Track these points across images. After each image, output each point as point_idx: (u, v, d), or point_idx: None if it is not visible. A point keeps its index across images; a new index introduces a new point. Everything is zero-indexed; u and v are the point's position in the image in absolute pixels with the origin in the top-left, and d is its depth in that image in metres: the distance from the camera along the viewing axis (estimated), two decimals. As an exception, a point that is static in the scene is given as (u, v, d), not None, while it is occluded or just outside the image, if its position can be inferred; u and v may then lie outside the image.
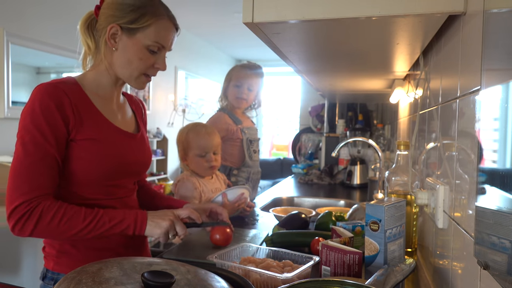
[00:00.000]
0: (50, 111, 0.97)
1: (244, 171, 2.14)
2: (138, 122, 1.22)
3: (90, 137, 1.02)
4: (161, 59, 1.09)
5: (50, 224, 0.95)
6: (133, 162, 1.13)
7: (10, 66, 3.11)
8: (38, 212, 0.94)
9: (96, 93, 1.09)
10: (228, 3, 4.68)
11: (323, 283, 0.71)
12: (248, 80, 2.13)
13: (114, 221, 1.00)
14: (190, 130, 1.65)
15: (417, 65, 1.40)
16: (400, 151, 1.28)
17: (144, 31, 1.04)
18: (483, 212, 0.57)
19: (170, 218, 1.06)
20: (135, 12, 1.03)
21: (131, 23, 1.04)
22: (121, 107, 1.17)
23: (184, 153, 1.65)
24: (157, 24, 1.05)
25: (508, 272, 0.48)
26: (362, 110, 3.67)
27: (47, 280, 1.09)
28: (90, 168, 1.03)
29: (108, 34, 1.04)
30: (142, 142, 1.19)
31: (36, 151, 0.96)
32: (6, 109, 3.07)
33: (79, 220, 0.97)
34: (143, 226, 1.03)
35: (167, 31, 1.08)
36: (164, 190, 5.03)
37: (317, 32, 1.03)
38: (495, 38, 0.59)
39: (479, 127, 0.64)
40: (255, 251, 1.14)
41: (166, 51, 1.11)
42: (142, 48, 1.05)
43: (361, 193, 2.57)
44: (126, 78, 1.09)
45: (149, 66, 1.08)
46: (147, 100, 5.14)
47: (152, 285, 0.65)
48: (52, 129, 0.97)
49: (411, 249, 1.25)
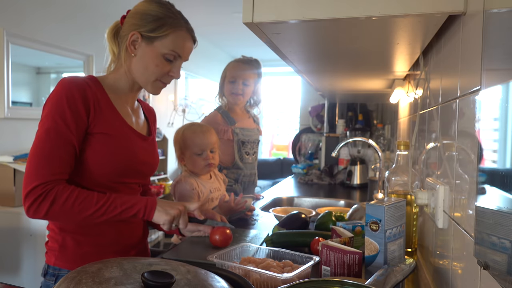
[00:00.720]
0: (75, 101, 1.03)
1: (233, 172, 2.10)
2: (150, 127, 1.29)
3: (106, 131, 1.08)
4: (176, 67, 1.16)
5: (64, 205, 1.00)
6: (142, 162, 1.17)
7: (10, 66, 3.10)
8: (53, 194, 0.99)
9: (114, 94, 1.15)
10: (228, 3, 4.68)
11: (323, 283, 0.71)
12: (243, 74, 2.07)
13: (125, 205, 1.06)
14: (185, 129, 1.65)
15: (417, 65, 1.40)
16: (400, 151, 1.28)
17: (162, 40, 1.11)
18: (483, 212, 0.57)
19: (179, 208, 1.12)
20: (156, 22, 1.10)
21: (151, 31, 1.10)
22: (135, 111, 1.24)
23: (181, 152, 1.64)
24: (175, 35, 1.12)
25: (508, 272, 0.48)
26: (362, 110, 3.67)
27: (48, 276, 1.11)
28: (102, 161, 1.08)
29: (129, 41, 1.11)
30: (153, 146, 1.25)
31: (57, 138, 1.01)
32: (6, 109, 3.07)
33: (92, 203, 1.02)
34: (152, 212, 1.08)
35: (184, 41, 1.14)
36: (164, 190, 5.03)
37: (317, 32, 1.03)
38: (495, 38, 0.59)
39: (479, 127, 0.64)
40: (255, 251, 1.14)
41: (183, 61, 1.17)
42: (159, 56, 1.12)
43: (361, 193, 2.57)
44: (143, 82, 1.15)
45: (164, 73, 1.14)
46: (147, 100, 5.14)
47: (152, 285, 0.65)
48: (75, 118, 1.02)
49: (411, 249, 1.25)
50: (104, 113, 1.08)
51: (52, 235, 1.13)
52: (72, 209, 1.00)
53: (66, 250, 1.10)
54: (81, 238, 1.10)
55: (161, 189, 4.97)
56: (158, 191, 4.90)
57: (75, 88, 1.03)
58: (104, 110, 1.09)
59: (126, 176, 1.14)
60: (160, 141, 5.33)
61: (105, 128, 1.08)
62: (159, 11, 1.11)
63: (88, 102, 1.05)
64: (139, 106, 1.28)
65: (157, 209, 1.09)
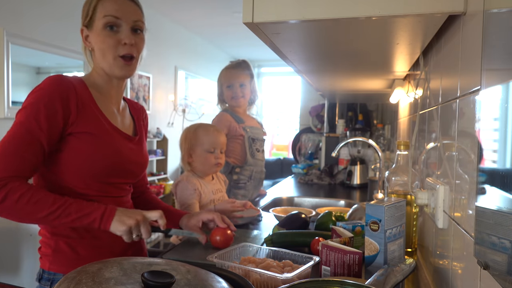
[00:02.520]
0: (53, 102, 1.00)
1: (246, 169, 2.16)
2: (137, 128, 1.26)
3: (88, 131, 1.06)
4: (124, 33, 1.11)
5: (17, 204, 0.96)
6: (128, 162, 1.15)
7: (10, 66, 3.10)
8: (5, 190, 0.95)
9: (99, 93, 1.14)
10: (228, 3, 4.68)
11: (323, 283, 0.71)
12: (237, 77, 2.18)
13: (80, 212, 1.00)
14: (199, 127, 1.66)
15: (417, 65, 1.40)
16: (400, 151, 1.28)
17: (95, 16, 1.11)
18: (483, 212, 0.57)
19: (137, 218, 1.05)
20: (85, 7, 1.13)
21: (86, 18, 1.12)
22: (120, 111, 1.21)
23: (191, 149, 1.63)
24: (101, 3, 1.10)
25: (508, 272, 0.48)
26: (362, 110, 3.66)
27: (43, 281, 1.09)
28: (85, 161, 1.05)
29: (83, 38, 1.14)
30: (139, 145, 1.23)
31: (25, 135, 0.98)
32: (6, 109, 3.07)
33: (47, 205, 0.98)
34: (109, 222, 1.02)
35: (115, 2, 1.11)
36: (164, 190, 5.03)
37: (317, 32, 1.03)
38: (495, 38, 0.59)
39: (479, 127, 0.64)
40: (255, 251, 1.14)
41: (129, 25, 1.11)
42: (101, 31, 1.10)
43: (361, 193, 2.57)
44: (108, 68, 1.13)
45: (116, 44, 1.10)
46: (147, 100, 5.14)
47: (152, 285, 0.65)
48: (49, 120, 1.00)
49: (411, 249, 1.24)
50: (88, 113, 1.07)
51: (44, 240, 1.11)
52: (24, 208, 0.96)
53: (60, 254, 1.08)
54: (75, 242, 1.08)
55: (161, 189, 4.96)
56: (158, 191, 4.89)
57: (58, 88, 1.02)
58: (88, 109, 1.07)
59: (114, 176, 1.12)
60: (160, 141, 5.33)
61: (89, 128, 1.06)
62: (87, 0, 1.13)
63: (68, 104, 1.02)
64: (126, 106, 1.26)
65: (114, 219, 1.02)
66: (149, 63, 5.11)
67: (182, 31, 5.98)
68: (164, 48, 5.49)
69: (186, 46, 6.18)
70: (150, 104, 5.23)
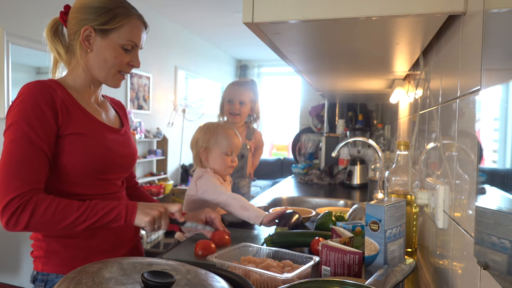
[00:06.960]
0: (40, 107, 1.00)
1: None
2: (122, 120, 1.27)
3: (77, 131, 1.06)
4: (134, 56, 1.16)
5: (44, 215, 0.97)
6: (119, 156, 1.16)
7: (10, 66, 3.10)
8: (31, 204, 0.96)
9: (77, 93, 1.13)
10: (228, 3, 4.68)
11: (323, 283, 0.71)
12: (239, 94, 2.24)
13: (106, 208, 1.03)
14: (219, 128, 1.62)
15: (417, 65, 1.40)
16: (400, 151, 1.28)
17: (118, 31, 1.10)
18: (483, 212, 0.57)
19: (160, 210, 1.10)
20: (107, 13, 1.09)
21: (104, 24, 1.09)
22: (102, 105, 1.22)
23: (207, 148, 1.60)
24: (129, 24, 1.11)
25: (508, 272, 0.48)
26: (362, 110, 3.67)
27: (37, 282, 1.09)
28: (78, 161, 1.06)
29: (82, 37, 1.09)
30: (127, 137, 1.24)
31: (27, 147, 0.98)
32: (6, 109, 3.07)
33: (73, 210, 1.00)
34: (133, 214, 1.06)
35: (139, 29, 1.14)
36: (164, 190, 5.03)
37: (317, 32, 1.03)
38: (495, 38, 0.59)
39: (479, 127, 0.64)
40: (255, 251, 1.14)
41: (139, 49, 1.17)
42: (117, 47, 1.11)
43: (361, 193, 2.57)
44: (103, 77, 1.14)
45: (124, 64, 1.14)
46: (147, 100, 5.14)
47: (152, 285, 0.65)
48: (42, 124, 1.00)
49: (411, 249, 1.25)
50: (72, 114, 1.06)
51: (36, 244, 1.11)
52: (53, 218, 0.98)
53: (52, 255, 1.08)
54: (67, 242, 1.08)
55: (161, 189, 4.96)
56: (158, 191, 4.89)
57: (39, 93, 1.00)
58: (71, 110, 1.06)
59: (106, 172, 1.12)
60: (160, 141, 5.32)
61: (76, 128, 1.06)
62: (108, 2, 1.09)
63: (55, 105, 1.02)
64: (106, 101, 1.26)
65: (138, 212, 1.07)
66: (149, 63, 5.11)
67: (182, 31, 5.98)
68: (164, 48, 5.49)
69: (186, 46, 6.18)
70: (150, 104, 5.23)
